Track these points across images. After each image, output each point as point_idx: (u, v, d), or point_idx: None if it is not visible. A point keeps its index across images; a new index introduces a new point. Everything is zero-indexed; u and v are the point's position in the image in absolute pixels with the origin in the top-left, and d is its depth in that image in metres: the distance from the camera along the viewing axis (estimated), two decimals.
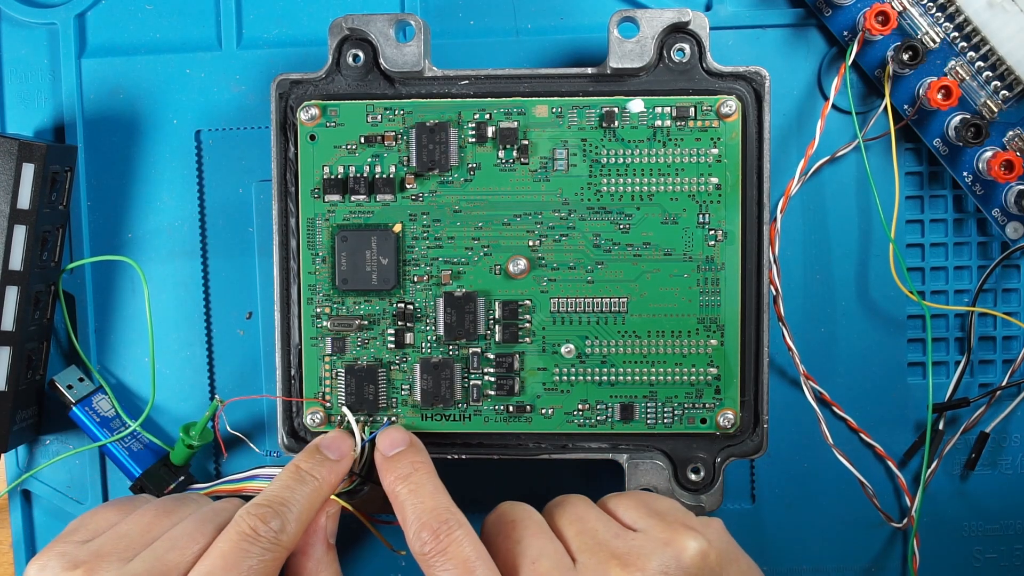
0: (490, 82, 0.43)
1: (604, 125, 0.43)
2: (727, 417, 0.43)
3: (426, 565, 0.37)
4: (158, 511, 0.39)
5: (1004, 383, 0.47)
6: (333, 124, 0.43)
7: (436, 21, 0.47)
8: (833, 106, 0.46)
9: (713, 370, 0.43)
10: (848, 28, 0.45)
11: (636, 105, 0.43)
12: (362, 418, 0.44)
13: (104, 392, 0.47)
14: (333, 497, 0.42)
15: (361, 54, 0.43)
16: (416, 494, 0.38)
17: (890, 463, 0.47)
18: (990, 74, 0.45)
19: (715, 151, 0.43)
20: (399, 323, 0.44)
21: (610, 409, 0.44)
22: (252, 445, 0.48)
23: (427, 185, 0.43)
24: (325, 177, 0.43)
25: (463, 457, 0.44)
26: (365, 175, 0.43)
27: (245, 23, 0.48)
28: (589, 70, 0.43)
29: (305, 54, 0.47)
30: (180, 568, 0.36)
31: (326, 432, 0.43)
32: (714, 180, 0.43)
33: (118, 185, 0.48)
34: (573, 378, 0.44)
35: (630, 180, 0.43)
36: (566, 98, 0.43)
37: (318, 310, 0.44)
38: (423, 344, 0.44)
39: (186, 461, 0.47)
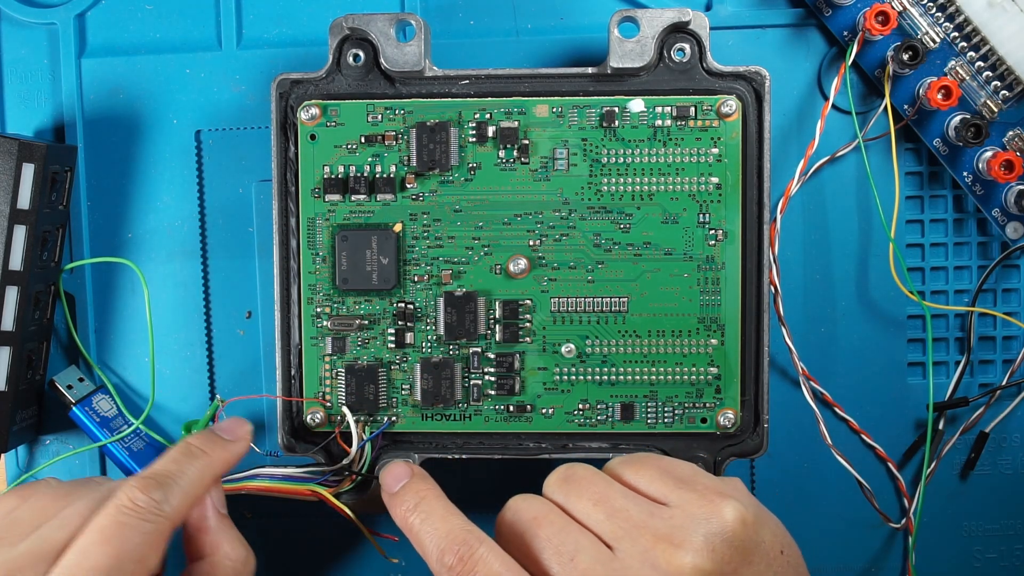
0: (490, 82, 0.43)
1: (604, 125, 0.43)
2: (727, 417, 0.43)
3: None
4: (56, 495, 0.38)
5: (1004, 383, 0.47)
6: (333, 124, 0.43)
7: (436, 21, 0.47)
8: (833, 106, 0.46)
9: (713, 370, 0.43)
10: (848, 28, 0.45)
11: (636, 105, 0.43)
12: (362, 418, 0.44)
13: (104, 392, 0.47)
14: (333, 500, 0.42)
15: (361, 54, 0.43)
16: (428, 521, 0.37)
17: (890, 464, 0.47)
18: (990, 74, 0.45)
19: (715, 151, 0.43)
20: (399, 323, 0.44)
21: (610, 409, 0.44)
22: (252, 445, 0.47)
23: (427, 185, 0.43)
24: (325, 177, 0.43)
25: (463, 457, 0.44)
26: (365, 175, 0.43)
27: (245, 23, 0.48)
28: (589, 70, 0.43)
29: (305, 54, 0.47)
30: (62, 546, 0.35)
31: (327, 432, 0.43)
32: (714, 180, 0.43)
33: (118, 185, 0.48)
34: (573, 378, 0.44)
35: (630, 180, 0.43)
36: (566, 98, 0.43)
37: (318, 310, 0.44)
38: (423, 344, 0.44)
39: None
